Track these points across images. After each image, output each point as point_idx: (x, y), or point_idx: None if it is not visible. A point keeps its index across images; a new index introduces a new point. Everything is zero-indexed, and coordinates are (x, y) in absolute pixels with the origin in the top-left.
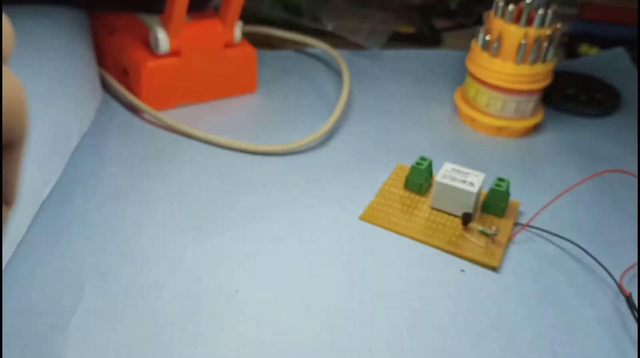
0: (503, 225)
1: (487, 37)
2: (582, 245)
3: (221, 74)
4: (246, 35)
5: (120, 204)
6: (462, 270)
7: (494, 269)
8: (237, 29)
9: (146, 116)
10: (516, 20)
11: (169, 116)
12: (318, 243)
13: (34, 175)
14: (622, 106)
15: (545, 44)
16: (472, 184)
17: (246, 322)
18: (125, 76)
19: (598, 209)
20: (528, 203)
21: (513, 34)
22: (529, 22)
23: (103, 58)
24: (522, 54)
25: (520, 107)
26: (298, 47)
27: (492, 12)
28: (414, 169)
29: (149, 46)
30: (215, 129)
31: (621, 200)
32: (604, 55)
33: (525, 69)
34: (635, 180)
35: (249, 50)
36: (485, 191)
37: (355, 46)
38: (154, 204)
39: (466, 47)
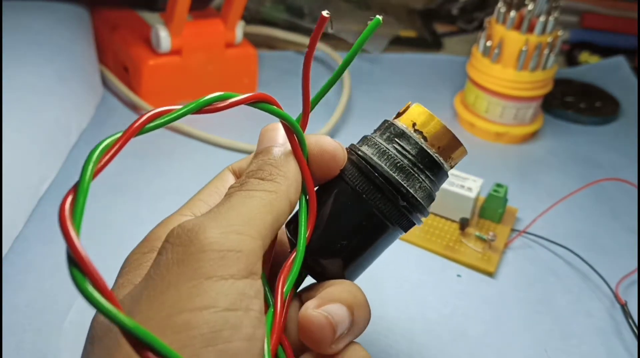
0: (500, 231)
1: (488, 43)
2: (579, 253)
3: (221, 74)
4: (247, 36)
5: (118, 201)
6: (459, 275)
7: (490, 274)
8: (239, 29)
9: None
10: (517, 26)
11: None
12: None
13: (32, 171)
14: (622, 115)
15: (545, 51)
16: (470, 189)
17: None
18: (126, 73)
19: (595, 217)
20: (525, 209)
21: (514, 40)
22: (530, 29)
23: (104, 55)
24: (523, 61)
25: (519, 114)
26: (299, 48)
27: (493, 18)
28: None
29: (150, 43)
30: (214, 128)
31: (618, 208)
32: (604, 63)
33: (526, 75)
34: (632, 188)
35: (250, 50)
36: (483, 196)
37: None
38: (152, 201)
39: (467, 53)
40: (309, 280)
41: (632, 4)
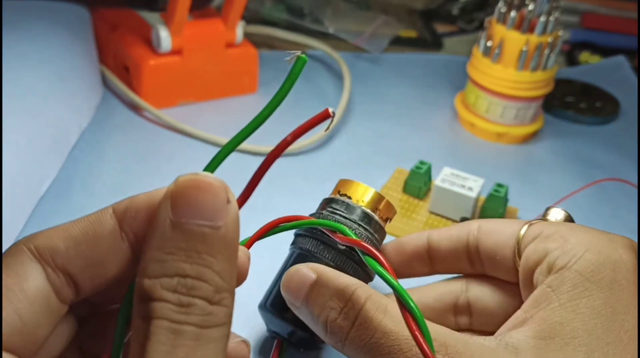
0: None
1: (489, 43)
2: None
3: (222, 74)
4: (248, 36)
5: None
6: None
7: None
8: (239, 29)
9: (146, 113)
10: (518, 26)
11: (169, 115)
12: None
13: (32, 170)
14: (622, 115)
15: (546, 51)
16: (470, 189)
17: (240, 320)
18: (126, 73)
19: (595, 217)
20: (526, 209)
21: (514, 40)
22: (531, 29)
23: (104, 55)
24: (523, 61)
25: (520, 114)
26: (299, 48)
27: (493, 18)
28: (413, 173)
29: (150, 43)
30: (214, 128)
31: (619, 209)
32: (604, 63)
33: (526, 75)
34: (633, 188)
35: (250, 50)
36: (483, 196)
37: (356, 49)
38: None
39: (467, 53)
40: None
41: (632, 4)
